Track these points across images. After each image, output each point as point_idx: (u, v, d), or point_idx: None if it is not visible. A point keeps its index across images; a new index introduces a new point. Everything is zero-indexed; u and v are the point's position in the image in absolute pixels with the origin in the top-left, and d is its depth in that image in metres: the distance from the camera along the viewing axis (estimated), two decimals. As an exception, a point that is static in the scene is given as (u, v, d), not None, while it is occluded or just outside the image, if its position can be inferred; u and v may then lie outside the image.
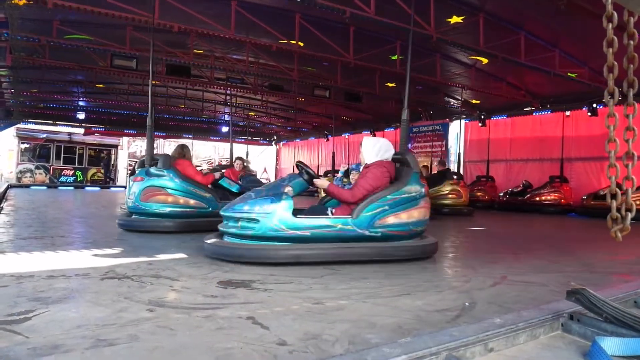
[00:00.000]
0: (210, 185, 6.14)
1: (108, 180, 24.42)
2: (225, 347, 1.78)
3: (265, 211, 3.68)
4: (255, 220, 3.69)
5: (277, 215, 3.66)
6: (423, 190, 4.13)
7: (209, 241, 3.88)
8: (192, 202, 5.64)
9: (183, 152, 6.18)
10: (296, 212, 3.77)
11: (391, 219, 3.87)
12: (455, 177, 10.51)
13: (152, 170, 5.66)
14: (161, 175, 5.61)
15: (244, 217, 3.75)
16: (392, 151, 4.18)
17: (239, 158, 8.63)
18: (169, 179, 5.60)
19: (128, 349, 1.74)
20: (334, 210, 3.94)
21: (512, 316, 1.93)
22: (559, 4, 7.18)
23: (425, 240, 4.18)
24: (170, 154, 6.16)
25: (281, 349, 1.78)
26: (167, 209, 5.55)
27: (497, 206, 12.71)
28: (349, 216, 3.79)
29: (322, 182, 4.05)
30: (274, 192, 3.86)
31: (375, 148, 4.12)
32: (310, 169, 4.13)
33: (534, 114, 13.66)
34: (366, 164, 4.14)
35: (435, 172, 11.10)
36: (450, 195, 10.09)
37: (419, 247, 4.02)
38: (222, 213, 4.00)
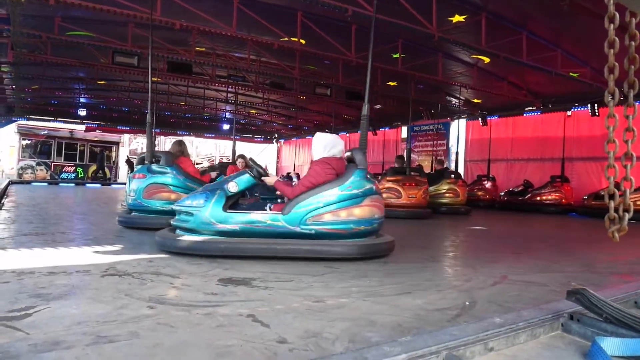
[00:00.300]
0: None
1: (101, 177, 24.39)
2: (225, 345, 1.78)
3: (199, 205, 3.85)
4: (190, 214, 3.87)
5: (208, 209, 3.81)
6: (370, 187, 3.96)
7: (157, 234, 4.04)
8: None
9: (181, 149, 6.19)
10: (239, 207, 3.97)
11: (328, 217, 3.78)
12: (453, 176, 10.53)
13: (154, 167, 5.66)
14: (164, 172, 5.61)
15: (183, 211, 3.94)
16: (340, 147, 4.12)
17: (241, 156, 8.62)
18: (172, 176, 5.61)
19: (128, 346, 1.74)
20: (272, 206, 3.96)
21: (512, 316, 1.92)
22: (561, 4, 7.18)
23: (375, 239, 4.01)
24: (169, 150, 6.17)
25: (281, 346, 1.78)
26: (170, 207, 5.56)
27: (497, 206, 12.72)
28: (280, 212, 3.79)
29: (269, 179, 4.09)
30: (216, 188, 3.99)
31: (322, 144, 4.08)
32: (260, 167, 4.15)
33: (535, 113, 13.65)
34: (312, 160, 4.14)
35: (434, 171, 11.14)
36: (447, 194, 10.13)
37: (363, 246, 3.81)
38: (172, 207, 4.19)
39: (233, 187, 3.97)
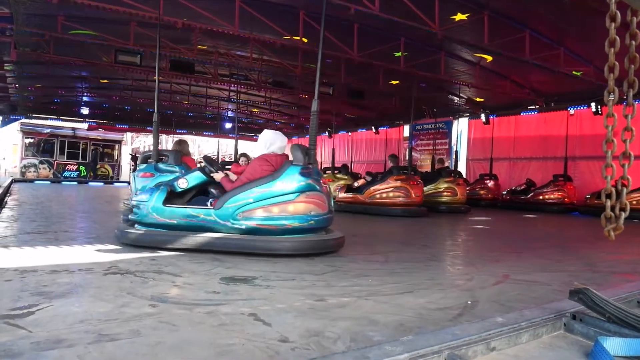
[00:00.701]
0: None
1: (93, 176, 24.42)
2: (227, 343, 1.78)
3: (144, 199, 4.05)
4: (138, 208, 4.08)
5: (151, 204, 4.00)
6: (306, 183, 3.90)
7: (117, 227, 4.28)
8: None
9: (182, 148, 6.17)
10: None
11: (259, 212, 3.82)
12: (452, 175, 10.51)
13: (162, 166, 5.64)
14: (173, 171, 5.60)
15: (135, 205, 4.14)
16: (280, 144, 4.22)
17: (244, 154, 8.62)
18: (180, 175, 5.61)
19: (130, 344, 1.74)
20: (212, 201, 4.06)
21: (514, 315, 1.92)
22: (564, 2, 7.14)
23: (322, 235, 4.01)
24: (175, 148, 6.15)
25: (283, 345, 1.78)
26: None
27: (500, 205, 12.68)
28: (212, 207, 3.92)
29: (217, 176, 4.23)
30: (163, 184, 4.22)
31: (262, 141, 4.20)
32: (209, 166, 4.27)
33: (538, 112, 13.61)
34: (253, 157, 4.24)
35: (435, 170, 11.13)
36: (445, 193, 10.13)
37: (305, 241, 3.81)
38: (130, 202, 4.41)
39: (183, 183, 4.22)
